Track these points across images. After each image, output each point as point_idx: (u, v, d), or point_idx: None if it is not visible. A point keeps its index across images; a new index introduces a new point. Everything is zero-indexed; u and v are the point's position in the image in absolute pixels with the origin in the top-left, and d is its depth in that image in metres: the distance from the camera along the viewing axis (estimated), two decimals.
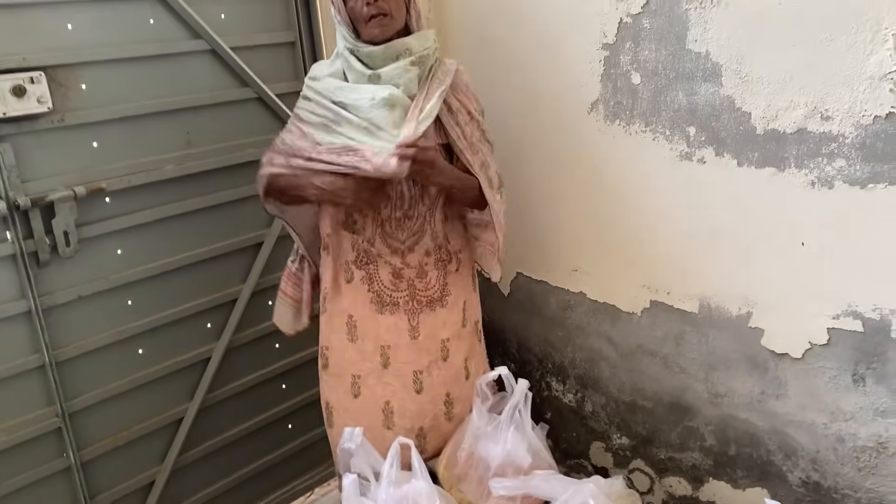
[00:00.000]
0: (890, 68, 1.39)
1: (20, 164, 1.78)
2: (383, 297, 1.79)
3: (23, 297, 1.85)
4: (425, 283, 1.81)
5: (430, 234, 1.79)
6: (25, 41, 1.77)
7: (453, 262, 1.86)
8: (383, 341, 1.80)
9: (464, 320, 1.88)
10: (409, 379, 1.81)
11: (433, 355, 1.82)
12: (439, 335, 1.83)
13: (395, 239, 1.77)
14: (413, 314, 1.80)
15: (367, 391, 1.82)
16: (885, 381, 1.55)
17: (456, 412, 1.87)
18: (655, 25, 1.71)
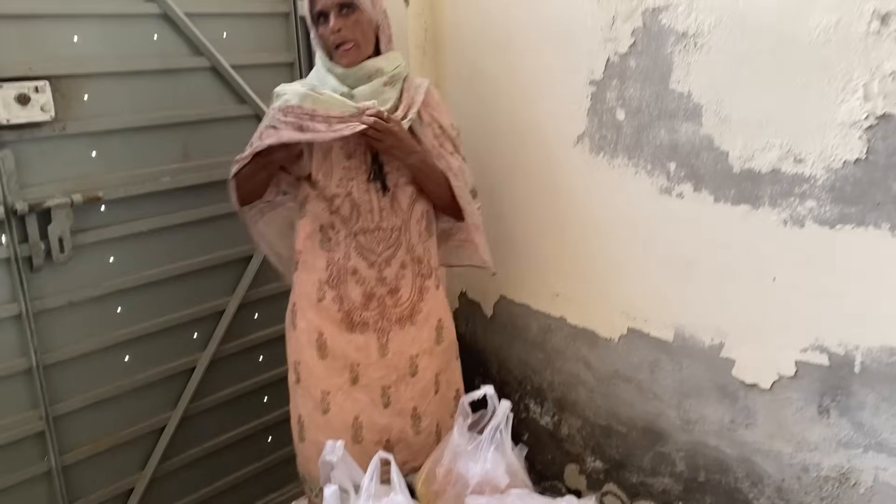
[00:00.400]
0: (859, 117, 1.48)
1: (20, 170, 1.82)
2: (353, 316, 1.83)
3: (14, 300, 1.88)
4: (396, 300, 1.85)
5: (405, 246, 1.84)
6: (33, 51, 1.82)
7: (432, 279, 1.91)
8: (353, 359, 1.85)
9: (438, 338, 1.93)
10: (378, 394, 1.87)
11: (401, 371, 1.88)
12: (408, 352, 1.89)
13: (371, 251, 1.81)
14: (382, 333, 1.85)
15: (335, 407, 1.86)
16: (848, 414, 1.62)
17: (424, 426, 1.93)
18: (641, 65, 1.80)
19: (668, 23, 1.72)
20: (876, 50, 1.43)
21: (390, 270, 1.83)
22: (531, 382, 2.31)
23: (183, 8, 2.05)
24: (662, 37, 1.74)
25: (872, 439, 1.59)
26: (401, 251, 1.84)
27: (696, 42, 1.69)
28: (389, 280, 1.84)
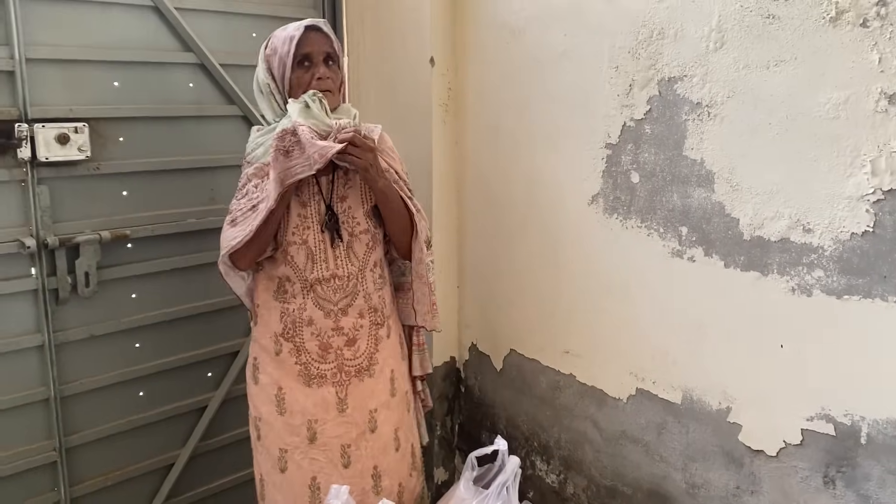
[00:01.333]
0: (866, 191, 1.51)
1: (54, 206, 1.91)
2: (311, 369, 1.81)
3: (38, 331, 1.95)
4: (353, 352, 1.83)
5: (362, 294, 1.82)
6: (75, 94, 1.92)
7: (384, 328, 1.89)
8: (311, 415, 1.81)
9: (392, 390, 1.90)
10: (337, 454, 1.82)
11: (361, 427, 1.84)
12: (367, 406, 1.85)
13: (328, 301, 1.79)
14: (341, 386, 1.82)
15: (293, 466, 1.82)
16: (854, 486, 1.61)
17: (384, 485, 1.87)
18: (656, 131, 1.85)
19: (682, 92, 1.78)
20: (883, 127, 1.46)
21: (347, 320, 1.82)
22: (538, 439, 2.31)
23: (218, 59, 2.15)
24: (677, 105, 1.79)
25: None
26: (358, 299, 1.82)
27: (709, 112, 1.74)
28: (346, 330, 1.82)
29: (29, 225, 1.88)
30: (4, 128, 1.81)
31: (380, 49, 2.43)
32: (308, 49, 1.76)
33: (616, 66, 1.91)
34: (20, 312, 1.91)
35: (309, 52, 1.76)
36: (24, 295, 1.91)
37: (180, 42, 2.10)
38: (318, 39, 1.78)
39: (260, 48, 1.84)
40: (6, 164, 1.83)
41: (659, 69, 1.82)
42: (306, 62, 1.77)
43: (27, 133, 1.82)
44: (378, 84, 2.43)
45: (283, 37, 1.77)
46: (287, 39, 1.76)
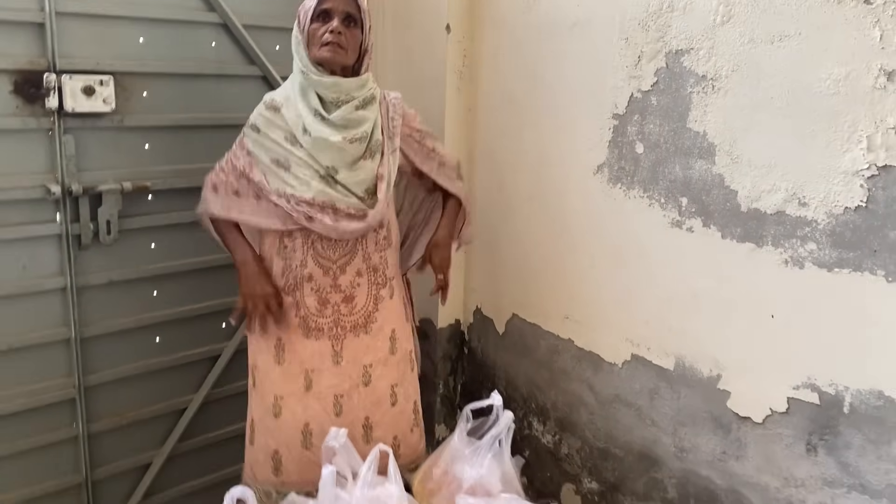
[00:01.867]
0: (862, 166, 1.54)
1: (78, 155, 1.99)
2: (309, 322, 1.89)
3: (61, 274, 2.04)
4: (350, 308, 1.90)
5: (361, 254, 1.90)
6: (101, 48, 1.99)
7: (387, 288, 1.96)
8: (308, 365, 1.90)
9: (392, 348, 1.98)
10: (330, 403, 1.91)
11: (354, 380, 1.92)
12: (362, 360, 1.93)
13: (327, 258, 1.87)
14: (337, 339, 1.90)
15: (287, 413, 1.91)
16: (835, 454, 1.66)
17: (376, 436, 1.95)
18: (662, 103, 1.89)
19: (689, 65, 1.81)
20: (881, 104, 1.49)
21: (345, 278, 1.89)
22: (536, 400, 2.38)
23: (241, 20, 2.21)
24: (683, 78, 1.83)
25: (856, 480, 1.63)
26: (357, 259, 1.89)
27: (714, 85, 1.77)
28: (344, 287, 1.89)
29: (55, 172, 1.97)
30: (34, 78, 1.89)
31: (399, 17, 2.48)
32: (328, 5, 1.81)
33: (626, 37, 1.94)
34: (45, 255, 2.01)
35: (329, 7, 1.81)
36: (49, 239, 2.01)
37: (204, 2, 2.16)
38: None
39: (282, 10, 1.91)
40: (34, 112, 1.91)
41: (667, 41, 1.85)
42: (325, 16, 1.82)
43: (55, 83, 1.90)
44: (397, 52, 2.49)
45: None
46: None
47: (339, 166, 1.82)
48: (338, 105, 1.84)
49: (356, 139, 1.83)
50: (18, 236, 1.95)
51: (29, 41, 1.89)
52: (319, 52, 1.81)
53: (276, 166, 1.84)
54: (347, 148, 1.82)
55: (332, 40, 1.79)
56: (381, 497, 1.66)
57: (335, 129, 1.82)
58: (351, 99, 1.84)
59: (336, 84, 1.83)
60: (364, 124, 1.85)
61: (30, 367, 2.03)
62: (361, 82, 1.87)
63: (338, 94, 1.83)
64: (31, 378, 2.04)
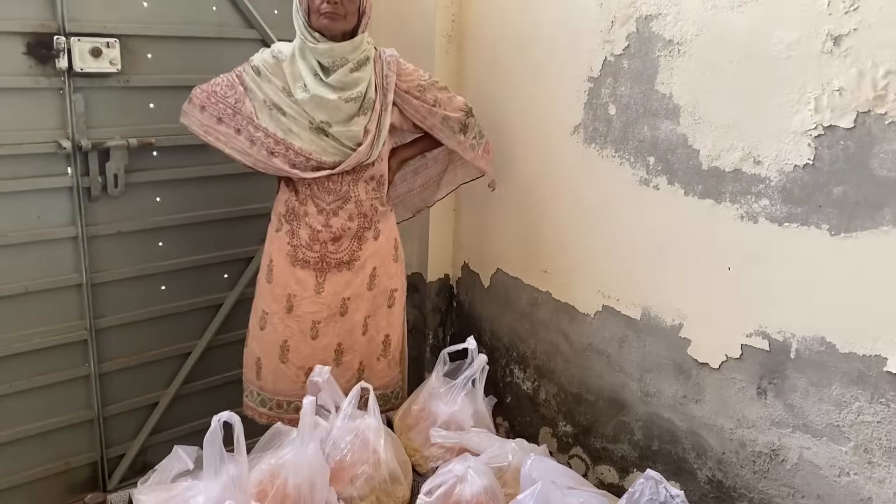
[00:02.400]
0: (809, 126, 1.64)
1: (87, 113, 2.13)
2: (298, 252, 2.08)
3: (73, 224, 2.19)
4: (337, 247, 2.08)
5: (353, 201, 2.06)
6: (107, 12, 2.12)
7: (372, 230, 2.12)
8: (291, 290, 2.10)
9: (370, 284, 2.14)
10: (308, 326, 2.10)
11: (332, 310, 2.11)
12: (341, 294, 2.11)
13: (322, 200, 2.04)
14: (321, 273, 2.09)
15: (270, 328, 2.13)
16: (782, 396, 1.78)
17: (345, 360, 2.16)
18: (632, 66, 1.99)
19: (657, 30, 1.91)
20: (828, 67, 1.59)
21: (336, 220, 2.05)
22: (517, 350, 2.52)
23: None
24: (652, 42, 1.93)
25: (800, 420, 1.75)
26: (349, 204, 2.05)
27: (679, 49, 1.87)
28: (334, 229, 2.06)
29: (65, 129, 2.11)
30: (45, 39, 2.02)
31: None
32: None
33: (600, 3, 2.04)
34: (57, 206, 2.16)
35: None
36: (60, 191, 2.16)
37: None
38: None
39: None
40: (46, 72, 2.05)
41: (638, 7, 1.95)
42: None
43: (64, 45, 2.03)
44: (389, 16, 2.58)
45: None
46: None
47: (333, 122, 1.96)
48: (334, 68, 1.96)
49: (351, 99, 1.96)
50: (32, 188, 2.10)
51: (40, 5, 2.01)
52: (319, 21, 1.92)
53: (271, 106, 1.97)
54: (342, 107, 1.95)
55: (329, 11, 1.89)
56: (359, 428, 1.82)
57: (332, 89, 1.95)
58: (346, 62, 1.96)
59: (331, 49, 1.94)
60: (359, 85, 1.98)
61: (44, 309, 2.20)
62: (355, 45, 1.97)
63: (333, 59, 1.95)
64: (45, 320, 2.21)
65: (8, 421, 2.20)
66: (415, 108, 2.10)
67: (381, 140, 2.04)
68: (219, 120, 2.00)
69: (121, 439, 2.44)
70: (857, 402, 1.64)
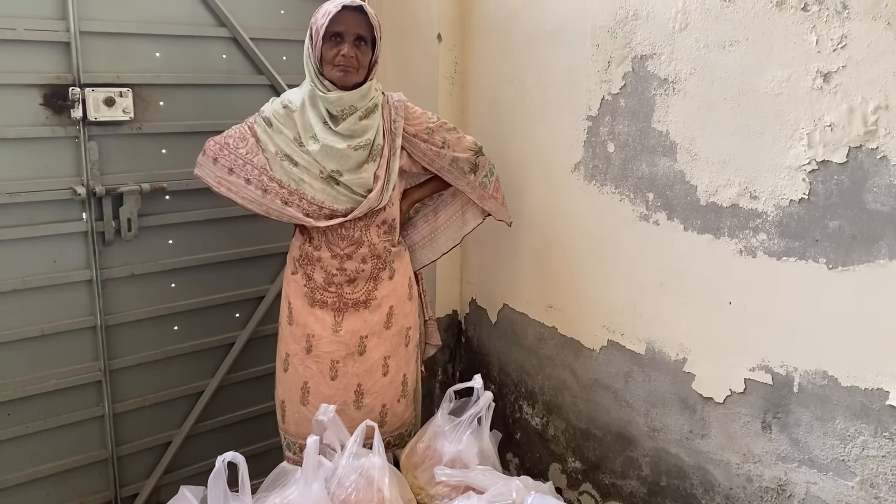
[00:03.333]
0: (803, 161, 1.66)
1: (101, 160, 2.20)
2: (315, 294, 2.11)
3: (87, 267, 2.26)
4: (352, 289, 2.10)
5: (367, 245, 2.08)
6: (121, 62, 2.20)
7: (387, 271, 2.14)
8: (310, 330, 2.12)
9: (388, 323, 2.16)
10: (327, 366, 2.12)
11: (350, 349, 2.12)
12: (359, 332, 2.12)
13: (336, 245, 2.06)
14: (339, 312, 2.11)
15: (292, 369, 2.15)
16: (787, 431, 1.78)
17: (366, 402, 2.15)
18: (629, 105, 2.02)
19: (652, 69, 1.95)
20: (819, 103, 1.61)
21: (351, 264, 2.08)
22: (525, 385, 2.53)
23: (249, 34, 2.41)
24: (647, 81, 1.96)
25: (806, 455, 1.74)
26: (363, 248, 2.08)
27: (674, 87, 1.90)
28: (349, 272, 2.08)
29: (80, 175, 2.18)
30: (61, 91, 2.10)
31: (395, 27, 2.65)
32: (340, 28, 1.92)
33: (597, 44, 2.08)
34: (73, 251, 2.22)
35: (341, 30, 1.93)
36: (76, 236, 2.22)
37: (215, 18, 2.35)
38: (352, 19, 1.93)
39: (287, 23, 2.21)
40: (62, 122, 2.13)
41: (633, 47, 1.99)
42: (337, 38, 1.94)
43: (80, 96, 2.11)
44: (394, 60, 2.65)
45: (324, 10, 1.95)
46: (325, 13, 1.94)
47: (344, 170, 1.99)
48: (343, 117, 1.99)
49: (360, 146, 1.99)
50: (49, 233, 2.17)
51: (56, 58, 2.10)
52: (332, 73, 1.96)
53: (282, 157, 2.01)
54: (352, 154, 1.99)
55: (343, 64, 1.94)
56: (364, 466, 1.83)
57: (341, 138, 1.98)
58: (355, 110, 1.99)
59: (340, 98, 1.97)
60: (368, 132, 2.01)
61: (60, 351, 2.25)
62: (363, 93, 2.00)
63: (342, 108, 1.98)
64: (61, 362, 2.26)
65: (24, 461, 2.25)
66: (423, 151, 2.13)
67: (391, 185, 2.07)
68: (230, 171, 2.03)
69: (134, 479, 2.48)
70: (862, 437, 1.63)
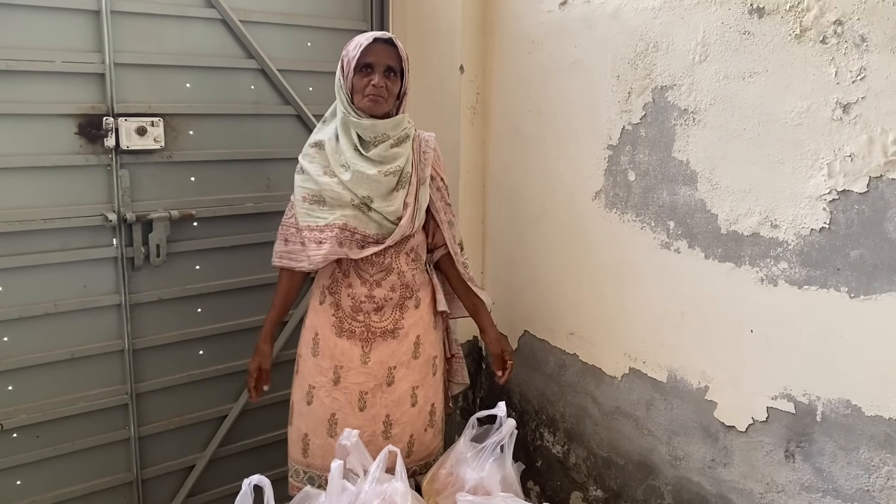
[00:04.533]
0: (824, 191, 1.67)
1: (132, 187, 2.26)
2: (343, 323, 2.11)
3: (116, 292, 2.31)
4: (380, 317, 2.11)
5: (396, 272, 2.10)
6: (153, 93, 2.27)
7: (413, 299, 2.15)
8: (338, 361, 2.12)
9: (415, 352, 2.17)
10: (355, 397, 2.11)
11: (379, 380, 2.12)
12: (387, 363, 2.12)
13: (366, 272, 2.08)
14: (366, 342, 2.11)
15: (317, 402, 2.14)
16: (811, 460, 1.77)
17: (394, 433, 2.14)
18: (649, 134, 2.05)
19: (672, 99, 1.98)
20: (838, 134, 1.63)
21: (380, 291, 2.09)
22: (546, 412, 2.53)
23: (277, 65, 2.47)
24: (668, 111, 1.99)
25: (830, 485, 1.73)
26: (392, 276, 2.09)
27: (694, 118, 1.93)
28: (378, 299, 2.09)
29: (112, 202, 2.24)
30: (95, 120, 2.18)
31: (419, 58, 2.70)
32: (371, 59, 1.98)
33: (617, 75, 2.12)
34: (103, 276, 2.28)
35: (371, 61, 1.98)
36: (106, 261, 2.28)
37: (244, 50, 2.43)
38: (383, 51, 1.99)
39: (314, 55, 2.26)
40: (95, 150, 2.19)
41: (653, 78, 2.02)
42: (367, 69, 2.00)
43: (112, 125, 2.18)
44: (417, 90, 2.69)
45: (355, 43, 2.01)
46: (357, 46, 2.00)
47: (374, 196, 2.03)
48: (375, 143, 2.04)
49: (390, 172, 2.03)
50: (81, 259, 2.23)
51: (91, 89, 2.17)
52: (362, 103, 2.01)
53: (310, 203, 2.05)
54: (382, 180, 2.02)
55: (373, 94, 1.99)
56: (387, 492, 1.84)
57: (372, 163, 2.02)
58: (387, 138, 2.04)
59: (373, 125, 2.02)
60: (398, 159, 2.05)
61: (88, 374, 2.30)
62: (396, 122, 2.06)
63: (375, 134, 2.03)
64: (89, 384, 2.31)
65: (51, 483, 2.29)
66: (436, 197, 2.17)
67: (421, 213, 2.10)
68: (286, 241, 2.14)
69: (159, 502, 2.51)
70: (886, 467, 1.62)
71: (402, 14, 2.75)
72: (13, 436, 2.21)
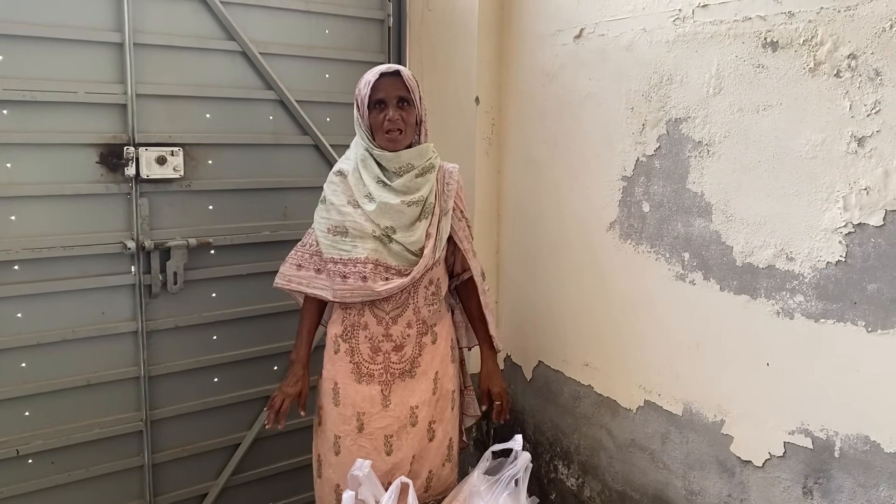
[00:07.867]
0: (839, 224, 1.66)
1: (151, 215, 2.30)
2: (361, 368, 2.09)
3: (133, 319, 2.33)
4: (399, 357, 2.09)
5: (412, 308, 2.09)
6: (173, 123, 2.31)
7: (429, 335, 2.14)
8: (360, 408, 2.09)
9: (434, 389, 2.15)
10: (381, 442, 2.09)
11: (402, 421, 2.10)
12: (408, 403, 2.11)
13: (381, 310, 2.06)
14: (386, 385, 2.09)
15: (345, 451, 2.11)
16: (829, 497, 1.74)
17: (414, 468, 2.13)
18: (664, 166, 2.05)
19: (687, 132, 1.98)
20: (853, 167, 1.63)
21: (396, 328, 2.08)
22: (561, 445, 2.51)
23: (295, 96, 2.51)
24: (682, 143, 2.00)
25: None
26: (408, 312, 2.08)
27: (709, 150, 1.93)
28: (395, 337, 2.08)
29: (131, 230, 2.28)
30: (116, 150, 2.22)
31: (435, 90, 2.74)
32: (381, 94, 2.00)
33: (632, 107, 2.13)
34: (120, 303, 2.30)
35: (382, 97, 2.00)
36: (124, 288, 2.30)
37: (263, 81, 2.47)
38: (391, 84, 2.00)
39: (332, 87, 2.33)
40: (115, 179, 2.23)
41: (667, 111, 2.03)
42: (380, 105, 2.01)
43: (133, 155, 2.22)
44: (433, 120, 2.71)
45: (364, 81, 2.03)
46: (366, 84, 2.02)
47: (397, 227, 2.03)
48: (399, 174, 2.04)
49: (413, 202, 2.03)
50: (99, 286, 2.26)
51: (114, 119, 2.22)
52: (382, 140, 2.02)
53: (333, 234, 2.05)
54: (405, 210, 2.02)
55: (391, 128, 2.00)
56: None
57: (396, 193, 2.02)
58: (412, 168, 2.04)
59: (398, 157, 2.03)
60: (422, 189, 2.05)
61: (104, 401, 2.32)
62: (420, 152, 2.07)
63: (400, 165, 2.04)
64: (104, 411, 2.32)
65: None
66: (456, 226, 2.16)
67: (442, 243, 2.09)
68: (299, 266, 2.13)
69: None
70: None
71: (419, 47, 2.79)
72: (29, 461, 2.22)
